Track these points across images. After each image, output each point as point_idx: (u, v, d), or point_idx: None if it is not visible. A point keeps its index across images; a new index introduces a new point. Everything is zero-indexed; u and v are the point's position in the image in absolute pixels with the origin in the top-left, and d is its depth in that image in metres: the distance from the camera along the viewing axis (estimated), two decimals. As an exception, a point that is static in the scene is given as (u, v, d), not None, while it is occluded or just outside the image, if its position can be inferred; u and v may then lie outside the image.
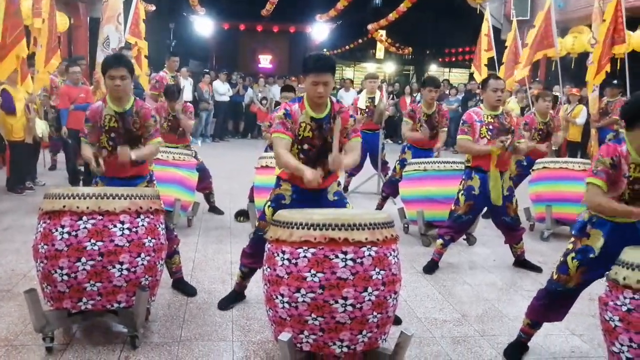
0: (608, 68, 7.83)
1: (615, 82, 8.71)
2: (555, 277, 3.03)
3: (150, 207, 3.16)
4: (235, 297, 3.81)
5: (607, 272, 2.54)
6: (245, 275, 3.74)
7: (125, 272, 3.01)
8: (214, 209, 6.50)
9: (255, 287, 3.80)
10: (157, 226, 3.21)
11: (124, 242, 3.00)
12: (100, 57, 6.81)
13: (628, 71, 7.76)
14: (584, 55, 9.10)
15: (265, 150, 6.08)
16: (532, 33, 8.73)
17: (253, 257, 3.55)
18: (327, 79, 3.14)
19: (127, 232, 3.02)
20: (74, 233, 2.94)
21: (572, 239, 3.00)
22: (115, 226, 3.00)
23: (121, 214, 3.03)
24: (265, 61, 24.74)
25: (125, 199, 3.06)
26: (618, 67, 8.12)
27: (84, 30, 13.86)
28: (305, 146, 3.26)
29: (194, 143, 11.65)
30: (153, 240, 3.14)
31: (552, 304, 3.08)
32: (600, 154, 2.81)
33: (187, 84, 12.45)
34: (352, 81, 17.11)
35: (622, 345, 2.31)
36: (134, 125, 3.64)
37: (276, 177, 3.48)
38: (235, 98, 14.93)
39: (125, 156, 3.50)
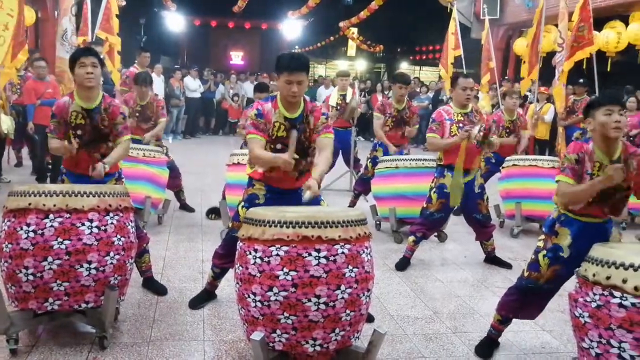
0: (567, 66, 8.02)
1: (581, 80, 8.90)
2: (526, 274, 3.07)
3: (120, 205, 3.10)
4: (206, 296, 3.76)
5: (577, 269, 2.58)
6: (217, 276, 3.70)
7: (93, 272, 2.94)
8: (184, 207, 6.43)
9: (227, 285, 3.77)
10: (127, 224, 3.15)
11: (93, 241, 2.94)
12: (59, 51, 6.65)
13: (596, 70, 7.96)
14: (552, 54, 9.25)
15: (241, 147, 6.02)
16: (531, 32, 8.76)
17: (226, 257, 3.51)
18: (301, 78, 3.11)
19: (95, 230, 2.96)
20: (40, 232, 2.86)
21: (543, 237, 3.04)
22: (83, 224, 2.93)
23: (89, 212, 2.96)
24: (236, 58, 24.59)
25: (93, 196, 3.00)
26: (584, 67, 8.30)
27: (51, 25, 13.53)
28: (279, 146, 3.23)
29: (164, 139, 11.51)
30: (122, 239, 3.08)
31: (523, 300, 3.11)
32: (567, 151, 2.89)
33: (159, 81, 12.31)
34: (332, 79, 17.10)
35: (591, 341, 2.34)
36: (101, 123, 3.53)
37: (249, 177, 3.45)
38: (206, 94, 14.80)
39: (100, 174, 3.41)
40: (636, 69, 12.11)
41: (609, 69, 10.32)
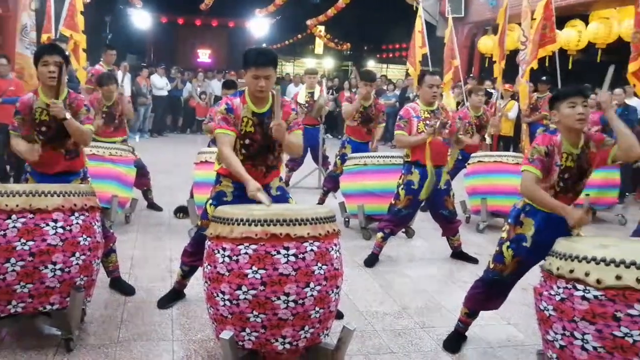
0: (535, 64, 8.19)
1: (544, 78, 9.10)
2: (491, 266, 3.13)
3: (85, 205, 3.05)
4: (175, 296, 3.73)
5: (542, 263, 2.64)
6: (186, 274, 3.67)
7: (58, 273, 2.89)
8: (152, 206, 6.35)
9: (196, 284, 3.73)
10: (93, 224, 3.10)
11: (57, 241, 2.88)
12: (19, 47, 6.47)
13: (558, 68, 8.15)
14: (515, 52, 9.45)
15: (208, 146, 5.97)
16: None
17: (194, 255, 3.49)
18: (269, 72, 3.11)
19: (60, 230, 2.90)
20: (2, 232, 2.79)
21: (507, 227, 3.10)
22: (47, 225, 2.87)
23: (54, 212, 2.91)
24: (204, 55, 24.38)
25: (58, 196, 2.94)
26: (547, 64, 8.49)
27: (12, 22, 13.15)
28: (247, 141, 3.22)
29: (132, 138, 11.34)
30: (88, 239, 3.03)
31: (489, 292, 3.17)
32: (536, 143, 2.94)
33: (125, 79, 12.10)
34: (301, 77, 17.05)
35: (555, 333, 2.40)
36: None
37: (216, 173, 3.43)
38: (173, 92, 14.65)
39: (60, 110, 3.31)
40: (596, 67, 12.43)
41: (570, 67, 10.56)
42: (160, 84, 14.04)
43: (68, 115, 3.36)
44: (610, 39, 10.67)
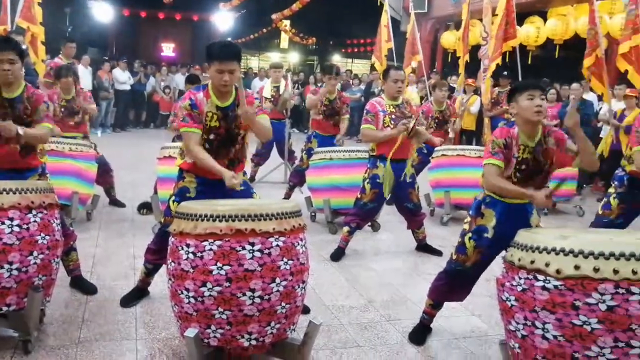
0: (499, 61, 8.32)
1: (505, 73, 9.26)
2: (454, 257, 3.17)
3: (43, 202, 2.97)
4: (138, 294, 3.67)
5: (504, 255, 2.68)
6: (150, 272, 3.61)
7: (15, 273, 2.80)
8: (115, 203, 6.23)
9: (160, 281, 3.68)
10: (51, 222, 3.02)
11: (14, 240, 2.79)
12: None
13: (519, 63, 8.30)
14: (477, 48, 9.58)
15: (173, 141, 5.87)
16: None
17: (158, 253, 3.43)
18: (233, 67, 3.08)
19: (16, 229, 2.81)
20: (-45, 232, 2.70)
21: (468, 219, 3.15)
22: (3, 223, 2.78)
23: (10, 210, 2.81)
24: (168, 49, 23.99)
25: (14, 193, 2.85)
26: (507, 60, 8.64)
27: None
28: (211, 136, 3.18)
29: (93, 133, 11.10)
30: (47, 237, 2.95)
31: (452, 283, 3.21)
32: (494, 136, 2.99)
33: (86, 73, 11.84)
34: (266, 71, 16.94)
35: (517, 323, 2.44)
36: (24, 112, 3.35)
37: (178, 169, 3.38)
38: (136, 87, 14.40)
39: (10, 131, 3.17)
40: (554, 62, 12.74)
41: (529, 62, 10.78)
42: (122, 78, 13.78)
43: (20, 131, 3.22)
44: (568, 35, 10.92)
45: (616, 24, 9.53)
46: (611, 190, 4.13)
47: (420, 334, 3.34)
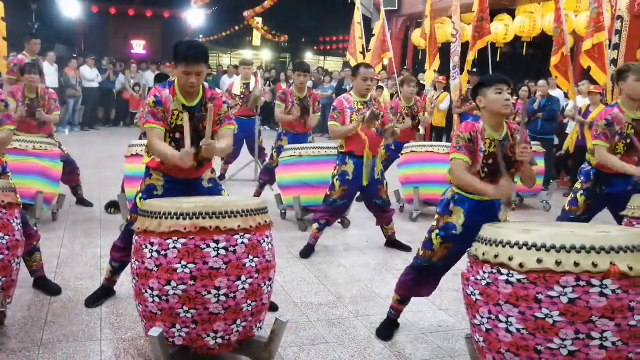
0: (474, 56, 8.44)
1: (474, 70, 9.36)
2: (421, 253, 3.18)
3: (2, 201, 2.90)
4: (104, 293, 3.61)
5: (469, 249, 2.71)
6: (116, 270, 3.56)
7: (-27, 274, 2.73)
8: (82, 202, 6.12)
9: (127, 281, 3.62)
10: (11, 221, 2.95)
11: (-29, 241, 2.73)
12: None
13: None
14: (447, 45, 9.67)
15: (140, 138, 5.79)
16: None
17: (125, 250, 3.37)
18: (200, 69, 3.02)
19: (-26, 229, 2.74)
20: None
21: (436, 217, 3.16)
22: (-40, 224, 2.71)
23: (-33, 210, 2.74)
24: (138, 47, 23.62)
25: (-29, 193, 2.78)
26: (476, 56, 8.75)
27: None
28: (178, 135, 3.13)
29: (61, 132, 10.91)
30: (7, 237, 2.88)
31: (419, 279, 3.23)
32: (459, 131, 3.01)
33: (52, 70, 11.60)
34: (236, 67, 16.78)
35: (482, 317, 2.46)
36: None
37: (145, 167, 3.33)
38: (105, 84, 14.15)
39: None
40: (522, 59, 12.95)
41: (498, 59, 10.92)
42: (90, 75, 13.54)
43: None
44: (535, 33, 11.09)
45: (582, 22, 9.71)
46: (578, 186, 4.19)
47: (387, 330, 3.35)
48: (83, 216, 5.71)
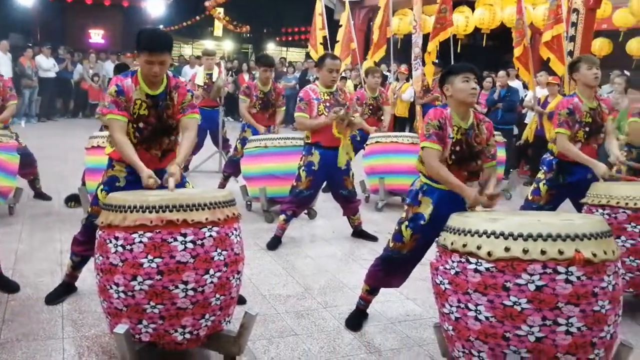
0: (434, 47, 8.50)
1: (436, 61, 9.44)
2: (391, 245, 3.18)
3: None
4: (65, 290, 3.50)
5: (437, 239, 2.72)
6: (77, 265, 3.46)
7: None
8: (40, 195, 5.93)
9: (89, 276, 3.52)
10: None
11: None
12: None
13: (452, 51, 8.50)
14: (409, 36, 9.72)
15: (100, 130, 5.63)
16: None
17: (86, 244, 3.29)
18: (164, 58, 2.94)
19: None
20: None
21: (405, 207, 3.16)
22: None
23: None
24: (96, 36, 22.98)
25: None
26: (437, 48, 8.82)
27: None
28: (141, 124, 3.05)
29: (17, 123, 10.54)
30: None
31: (389, 270, 3.24)
32: (428, 119, 3.01)
33: (5, 59, 11.20)
34: (198, 57, 16.44)
35: (451, 306, 2.48)
36: None
37: (108, 157, 3.24)
38: (63, 74, 13.75)
39: None
40: (482, 50, 13.14)
41: (459, 51, 11.04)
42: (46, 65, 13.13)
43: None
44: (494, 25, 11.25)
45: (539, 14, 9.90)
46: (540, 175, 4.26)
47: (356, 320, 3.36)
48: (42, 210, 5.54)
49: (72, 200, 5.70)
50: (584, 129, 3.95)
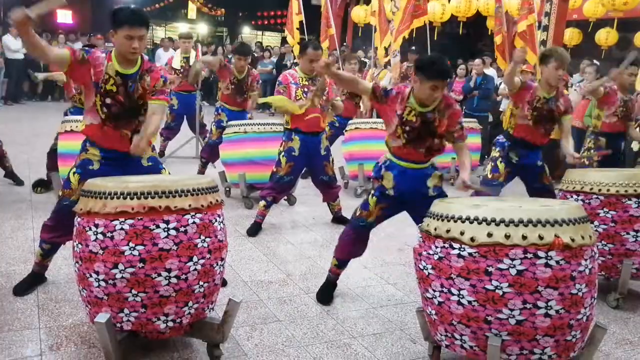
0: (406, 34, 8.50)
1: (413, 48, 9.47)
2: (358, 213, 3.35)
3: None
4: (34, 280, 3.39)
5: (420, 224, 2.74)
6: (47, 253, 3.35)
7: None
8: (12, 176, 5.77)
9: (65, 264, 3.47)
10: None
11: None
12: None
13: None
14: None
15: (65, 114, 5.47)
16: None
17: (56, 230, 3.21)
18: (143, 32, 2.96)
19: None
20: None
21: (372, 180, 3.36)
22: None
23: None
24: (65, 17, 22.43)
25: None
26: (414, 35, 8.84)
27: None
28: (109, 100, 3.02)
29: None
30: None
31: (356, 238, 3.39)
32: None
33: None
34: (172, 40, 16.15)
35: (434, 291, 2.51)
36: None
37: (82, 141, 3.18)
38: (30, 56, 13.34)
39: None
40: (458, 38, 13.21)
41: (435, 38, 11.07)
42: (14, 45, 12.74)
43: None
44: (470, 13, 11.31)
45: (514, 3, 9.96)
46: (495, 154, 4.44)
47: (326, 293, 3.48)
48: (12, 197, 5.40)
49: (39, 185, 5.57)
50: (533, 112, 4.13)
